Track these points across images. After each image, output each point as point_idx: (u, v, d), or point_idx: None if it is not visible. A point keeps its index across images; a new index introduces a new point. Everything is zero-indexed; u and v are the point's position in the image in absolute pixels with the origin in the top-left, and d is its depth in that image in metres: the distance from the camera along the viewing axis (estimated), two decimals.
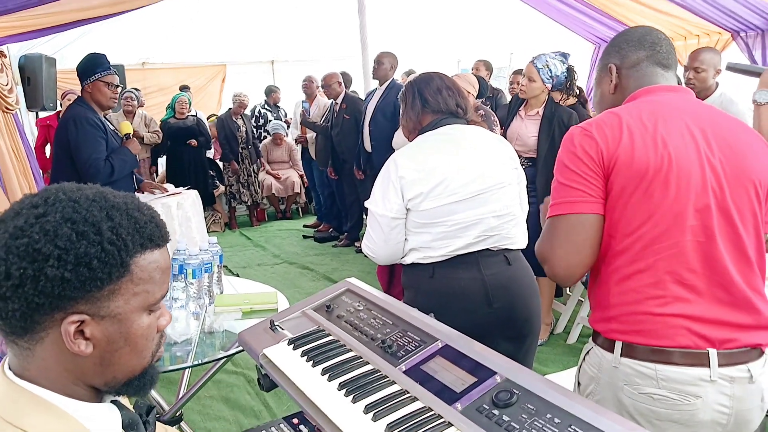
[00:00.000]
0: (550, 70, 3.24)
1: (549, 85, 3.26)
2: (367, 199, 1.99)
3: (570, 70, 3.25)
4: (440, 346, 1.16)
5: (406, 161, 1.88)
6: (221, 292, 2.42)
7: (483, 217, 1.87)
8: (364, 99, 5.75)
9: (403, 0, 8.70)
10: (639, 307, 1.28)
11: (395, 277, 2.21)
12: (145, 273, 0.83)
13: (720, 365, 1.25)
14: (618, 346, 1.31)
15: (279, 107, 8.18)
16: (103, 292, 0.79)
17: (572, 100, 4.03)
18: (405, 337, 1.22)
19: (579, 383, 1.45)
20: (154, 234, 0.85)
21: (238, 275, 5.06)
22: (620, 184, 1.27)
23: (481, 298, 1.88)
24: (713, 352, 1.25)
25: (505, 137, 3.18)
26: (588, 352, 1.42)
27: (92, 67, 3.21)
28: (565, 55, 3.26)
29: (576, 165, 1.30)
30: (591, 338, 1.42)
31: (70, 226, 0.77)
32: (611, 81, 1.45)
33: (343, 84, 5.93)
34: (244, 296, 2.38)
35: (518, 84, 3.83)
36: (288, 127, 7.80)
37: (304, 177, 7.39)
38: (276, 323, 1.39)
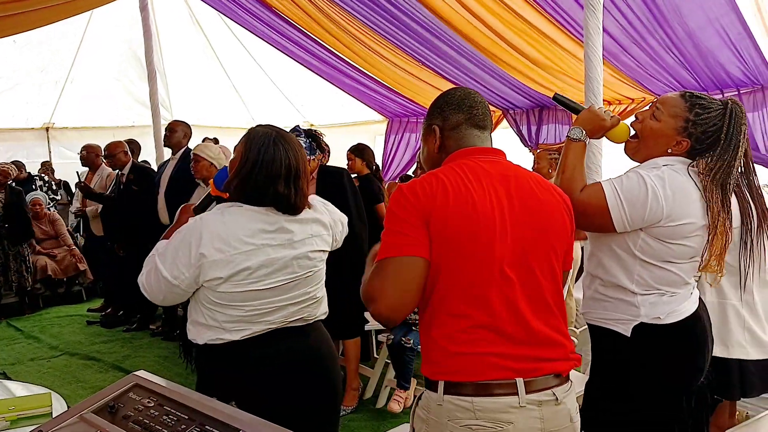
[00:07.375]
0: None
1: (312, 157, 3.53)
2: None
3: (309, 134, 3.56)
4: None
5: (211, 238, 1.71)
6: None
7: (285, 304, 1.82)
8: (156, 169, 5.44)
9: (197, 68, 8.60)
10: (454, 348, 1.42)
11: None
12: None
13: (527, 392, 1.41)
14: (441, 385, 1.42)
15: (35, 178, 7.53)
16: None
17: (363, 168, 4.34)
18: None
19: (413, 429, 1.53)
20: None
21: (5, 374, 4.35)
22: (435, 240, 1.41)
23: (278, 373, 1.82)
24: (520, 381, 1.41)
25: None
26: (420, 397, 1.52)
27: None
28: (295, 129, 3.55)
29: (402, 214, 1.43)
30: (424, 385, 1.52)
31: None
32: (435, 141, 1.60)
33: (129, 153, 5.56)
34: (10, 401, 2.05)
35: None
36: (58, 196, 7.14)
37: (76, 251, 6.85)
38: None
